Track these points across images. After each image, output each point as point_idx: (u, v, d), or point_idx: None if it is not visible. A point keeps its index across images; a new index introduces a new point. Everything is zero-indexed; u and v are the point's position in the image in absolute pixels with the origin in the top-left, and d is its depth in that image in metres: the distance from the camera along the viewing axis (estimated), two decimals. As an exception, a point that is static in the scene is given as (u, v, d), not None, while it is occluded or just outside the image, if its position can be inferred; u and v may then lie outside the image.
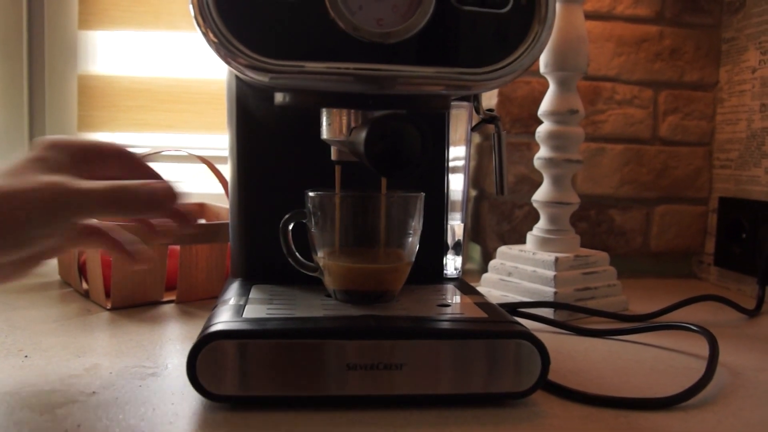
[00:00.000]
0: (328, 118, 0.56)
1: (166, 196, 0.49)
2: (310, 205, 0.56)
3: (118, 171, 0.52)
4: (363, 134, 0.48)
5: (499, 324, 0.51)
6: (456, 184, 0.70)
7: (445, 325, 0.51)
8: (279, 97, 0.55)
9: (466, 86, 0.51)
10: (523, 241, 0.89)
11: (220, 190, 0.94)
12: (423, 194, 0.57)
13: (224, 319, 0.50)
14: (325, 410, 0.47)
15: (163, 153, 0.90)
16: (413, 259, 0.58)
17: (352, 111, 0.54)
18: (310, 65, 0.48)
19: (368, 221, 0.56)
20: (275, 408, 0.47)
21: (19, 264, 0.49)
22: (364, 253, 0.56)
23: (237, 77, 0.62)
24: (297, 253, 0.59)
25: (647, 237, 1.08)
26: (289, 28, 0.48)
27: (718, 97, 1.06)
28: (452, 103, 0.64)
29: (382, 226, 0.55)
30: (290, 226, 0.58)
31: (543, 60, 0.82)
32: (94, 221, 0.54)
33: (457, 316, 0.54)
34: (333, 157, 0.58)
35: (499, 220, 1.03)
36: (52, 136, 0.50)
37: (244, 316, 0.51)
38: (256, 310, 0.52)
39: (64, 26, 1.16)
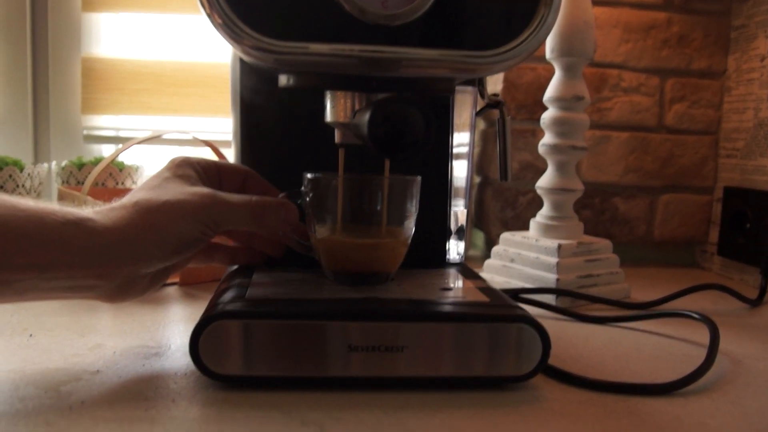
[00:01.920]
0: (332, 100, 0.56)
1: (295, 215, 0.54)
2: (306, 187, 0.57)
3: (241, 189, 0.57)
4: (366, 116, 0.48)
5: (501, 308, 0.51)
6: (460, 170, 0.70)
7: (447, 308, 0.51)
8: (283, 80, 0.55)
9: (470, 69, 0.51)
10: (526, 228, 0.89)
11: (225, 173, 0.94)
12: (420, 178, 0.57)
13: (227, 299, 0.50)
14: (327, 391, 0.48)
15: (167, 136, 0.90)
16: (409, 242, 0.58)
17: (356, 93, 0.54)
18: (315, 47, 0.48)
19: (364, 203, 0.56)
20: (277, 388, 0.48)
21: (156, 276, 0.53)
22: (359, 234, 0.56)
23: (241, 60, 0.62)
24: (293, 234, 0.59)
25: (651, 225, 1.08)
26: (294, 9, 0.48)
27: (726, 86, 1.06)
28: (457, 87, 0.64)
29: (379, 207, 0.55)
30: None
31: (549, 45, 0.81)
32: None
33: (459, 299, 0.54)
34: (336, 140, 0.58)
35: (502, 206, 1.03)
36: (182, 156, 0.56)
37: (247, 296, 0.51)
38: (259, 291, 0.53)
39: (67, 8, 1.16)
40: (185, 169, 0.54)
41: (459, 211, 0.70)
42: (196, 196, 0.51)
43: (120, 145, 0.87)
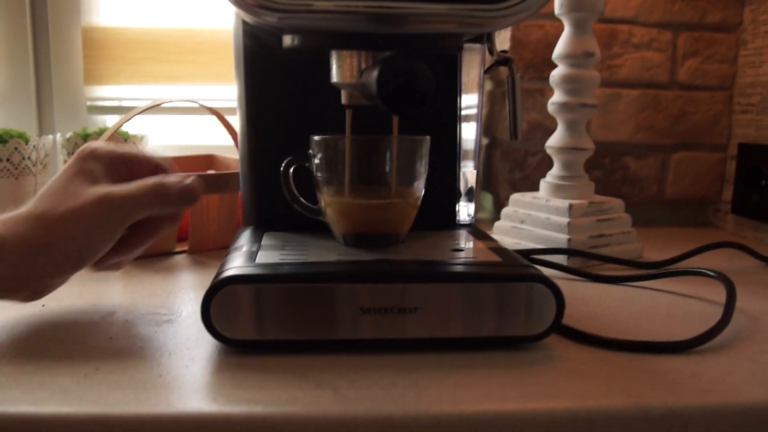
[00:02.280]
0: (338, 60, 0.54)
1: (197, 187, 0.54)
2: (314, 149, 0.56)
3: (148, 174, 0.55)
4: (375, 74, 0.47)
5: (514, 267, 0.50)
6: (468, 132, 0.69)
7: (460, 268, 0.51)
8: (287, 40, 0.54)
9: (479, 23, 0.49)
10: (535, 189, 0.88)
11: (229, 141, 0.93)
12: (428, 138, 0.56)
13: (237, 264, 0.49)
14: (339, 353, 0.47)
15: (172, 104, 0.90)
16: (419, 203, 0.57)
17: (363, 52, 0.53)
18: (319, 4, 0.46)
19: (373, 164, 0.55)
20: (289, 352, 0.47)
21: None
22: (368, 195, 0.55)
23: (244, 24, 0.61)
24: (300, 197, 0.59)
25: (663, 185, 1.07)
26: (298, -34, 0.47)
27: (742, 39, 1.04)
28: (465, 45, 0.62)
29: (388, 168, 0.55)
30: (291, 170, 0.58)
31: (558, 0, 0.80)
32: None
33: (471, 259, 0.54)
34: (343, 101, 0.57)
35: (511, 168, 1.02)
36: (91, 147, 0.54)
37: (257, 261, 0.50)
38: (269, 255, 0.52)
39: (66, -23, 1.15)
40: (90, 163, 0.53)
41: (468, 172, 0.70)
42: (93, 201, 0.50)
43: (123, 115, 0.86)
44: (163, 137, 1.21)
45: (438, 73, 0.47)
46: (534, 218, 0.83)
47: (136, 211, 0.52)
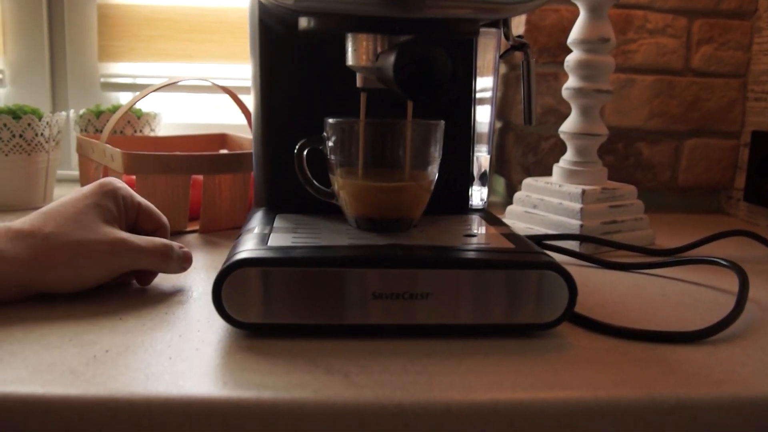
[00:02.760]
0: (353, 43, 0.54)
1: (191, 259, 0.59)
2: (328, 132, 0.55)
3: (150, 227, 0.60)
4: (391, 59, 0.46)
5: (527, 254, 0.50)
6: (482, 116, 0.69)
7: (472, 254, 0.50)
8: (303, 22, 0.53)
9: (495, 9, 0.49)
10: (548, 174, 0.87)
11: (243, 120, 0.93)
12: (443, 122, 0.56)
13: (249, 247, 0.49)
14: (351, 339, 0.47)
15: (186, 83, 0.89)
16: (432, 187, 0.57)
17: (378, 36, 0.53)
18: (336, -13, 0.46)
19: (387, 148, 0.55)
20: (300, 336, 0.48)
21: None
22: (382, 178, 0.55)
23: (260, 3, 0.60)
24: (313, 180, 0.58)
25: (676, 171, 1.06)
26: (314, -52, 0.47)
27: (756, 26, 1.02)
28: (481, 29, 0.62)
29: (402, 152, 0.54)
30: (305, 153, 0.58)
31: (575, -15, 0.79)
32: None
33: (484, 246, 0.54)
34: (358, 84, 0.57)
35: (524, 152, 1.02)
36: (112, 185, 0.57)
37: (269, 244, 0.50)
38: (281, 238, 0.52)
39: (81, -46, 1.14)
40: (108, 201, 0.56)
41: (482, 156, 0.69)
42: (108, 241, 0.53)
43: (137, 93, 0.86)
44: (176, 115, 1.21)
45: (455, 60, 0.46)
46: (546, 203, 0.82)
47: (141, 263, 0.55)
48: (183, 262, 0.58)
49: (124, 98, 1.21)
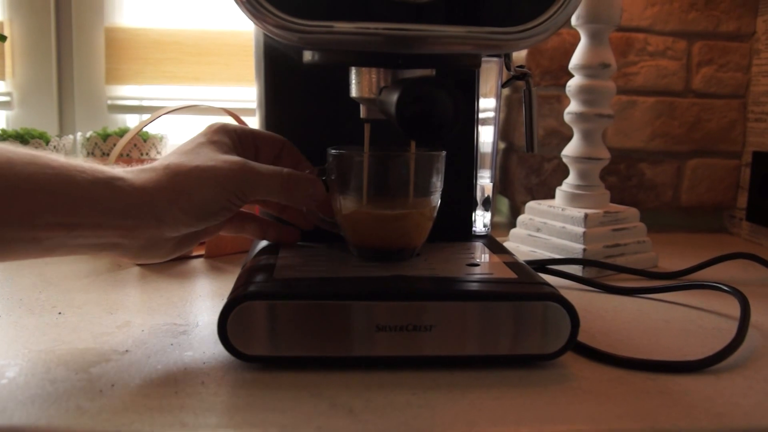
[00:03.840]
0: (357, 76, 0.55)
1: (322, 192, 0.55)
2: (330, 163, 0.56)
3: (276, 159, 0.58)
4: (394, 97, 0.47)
5: (530, 285, 0.51)
6: (485, 137, 0.69)
7: (475, 286, 0.51)
8: (308, 56, 0.54)
9: (497, 46, 0.49)
10: (552, 194, 0.88)
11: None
12: (444, 153, 0.57)
13: (254, 279, 0.50)
14: (355, 371, 0.48)
15: (189, 106, 0.90)
16: (434, 215, 0.57)
17: (382, 69, 0.53)
18: (340, 25, 0.47)
19: (389, 179, 0.55)
20: (305, 368, 0.48)
21: (182, 241, 0.53)
22: (384, 208, 0.55)
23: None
24: (317, 211, 0.59)
25: (678, 191, 1.06)
26: (318, -14, 0.47)
27: (755, 48, 1.03)
28: (482, 59, 0.62)
29: (405, 183, 0.55)
30: None
31: (575, 12, 0.79)
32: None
33: (487, 276, 0.54)
34: (362, 115, 0.57)
35: (527, 173, 1.02)
36: (220, 122, 0.56)
37: (274, 275, 0.51)
38: (286, 269, 0.53)
39: (89, -22, 1.15)
40: (221, 136, 0.54)
41: (485, 183, 0.70)
42: (226, 163, 0.51)
43: (143, 116, 0.86)
44: (182, 137, 1.21)
45: (457, 101, 0.47)
46: (550, 227, 0.83)
47: (263, 191, 0.52)
48: (309, 196, 0.54)
49: (130, 120, 1.21)
